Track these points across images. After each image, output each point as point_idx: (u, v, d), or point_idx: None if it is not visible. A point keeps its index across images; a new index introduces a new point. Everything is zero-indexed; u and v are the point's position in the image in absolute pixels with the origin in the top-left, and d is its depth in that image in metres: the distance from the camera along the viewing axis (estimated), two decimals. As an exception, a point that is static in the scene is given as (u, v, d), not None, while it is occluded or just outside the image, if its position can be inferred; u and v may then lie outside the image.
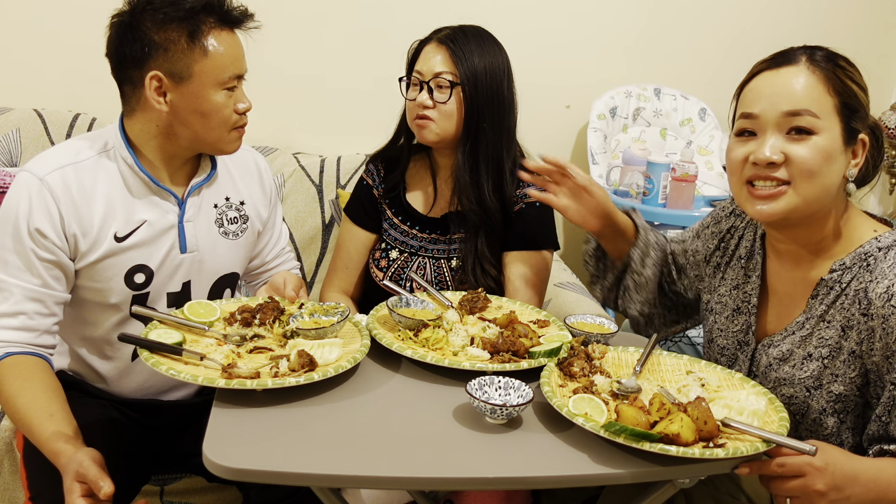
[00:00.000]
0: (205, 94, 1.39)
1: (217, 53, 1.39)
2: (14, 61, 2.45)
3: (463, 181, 1.73)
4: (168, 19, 1.36)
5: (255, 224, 1.65)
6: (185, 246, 1.51)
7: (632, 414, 1.13)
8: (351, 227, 1.88)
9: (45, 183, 1.38)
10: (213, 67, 1.39)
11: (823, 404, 1.29)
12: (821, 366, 1.28)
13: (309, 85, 2.63)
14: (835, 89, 1.25)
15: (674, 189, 2.38)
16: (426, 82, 1.70)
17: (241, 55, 1.45)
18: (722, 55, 2.96)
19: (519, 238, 1.77)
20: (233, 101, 1.43)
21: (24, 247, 1.37)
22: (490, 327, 1.44)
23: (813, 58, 1.27)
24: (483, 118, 1.71)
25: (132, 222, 1.45)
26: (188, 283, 1.54)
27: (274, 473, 1.06)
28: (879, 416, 1.23)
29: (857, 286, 1.25)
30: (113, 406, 1.54)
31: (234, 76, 1.42)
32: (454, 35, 1.71)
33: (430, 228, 1.82)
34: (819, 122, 1.24)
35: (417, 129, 1.73)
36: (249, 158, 1.67)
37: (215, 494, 1.80)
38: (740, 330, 1.44)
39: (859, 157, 1.28)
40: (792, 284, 1.36)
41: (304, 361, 1.25)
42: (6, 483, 1.77)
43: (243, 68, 1.45)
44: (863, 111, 1.27)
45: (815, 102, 1.25)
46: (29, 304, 1.38)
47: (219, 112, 1.41)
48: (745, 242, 1.48)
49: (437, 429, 1.18)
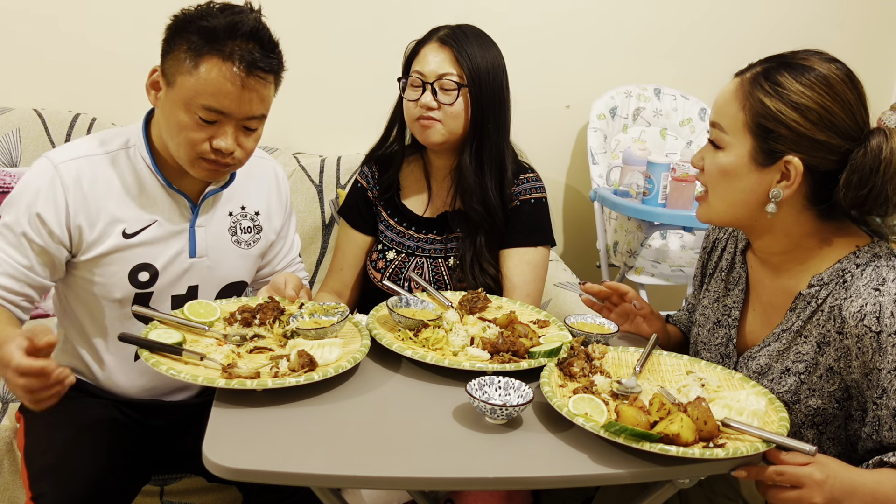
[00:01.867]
0: (176, 108, 1.37)
1: (201, 78, 1.34)
2: (14, 61, 2.45)
3: (468, 182, 1.73)
4: (197, 29, 1.34)
5: (269, 235, 1.66)
6: (195, 251, 1.52)
7: (632, 414, 1.13)
8: (347, 230, 1.88)
9: (58, 170, 1.41)
10: (190, 87, 1.35)
11: (802, 418, 1.28)
12: (798, 381, 1.27)
13: (309, 85, 2.63)
14: (750, 107, 1.23)
15: (674, 189, 2.38)
16: (429, 83, 1.69)
17: (237, 96, 1.35)
18: (722, 55, 2.96)
19: (516, 235, 1.77)
20: (207, 133, 1.38)
21: (20, 226, 1.40)
22: (490, 327, 1.44)
23: (757, 72, 1.25)
24: (487, 119, 1.71)
25: (143, 220, 1.47)
26: (195, 288, 1.54)
27: (274, 473, 1.05)
28: (870, 434, 1.22)
29: (832, 302, 1.23)
30: (113, 406, 1.54)
31: (208, 108, 1.35)
32: (455, 35, 1.71)
33: (426, 229, 1.82)
34: (725, 137, 1.26)
35: (421, 130, 1.72)
36: (269, 168, 1.67)
37: (215, 494, 1.80)
38: (721, 343, 1.44)
39: (791, 178, 1.21)
40: (774, 293, 1.35)
41: (304, 361, 1.25)
42: (6, 483, 1.77)
43: (231, 108, 1.36)
44: (790, 134, 1.20)
45: (725, 117, 1.26)
46: (6, 279, 1.41)
47: (182, 132, 1.38)
48: (726, 255, 1.48)
49: (437, 429, 1.18)
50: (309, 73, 2.63)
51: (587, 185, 2.92)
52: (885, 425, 1.19)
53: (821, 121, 1.20)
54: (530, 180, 1.80)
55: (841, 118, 1.20)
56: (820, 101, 1.20)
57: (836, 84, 1.21)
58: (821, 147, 1.21)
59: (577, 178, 3.00)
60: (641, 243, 2.54)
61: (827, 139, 1.20)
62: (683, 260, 2.73)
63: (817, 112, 1.20)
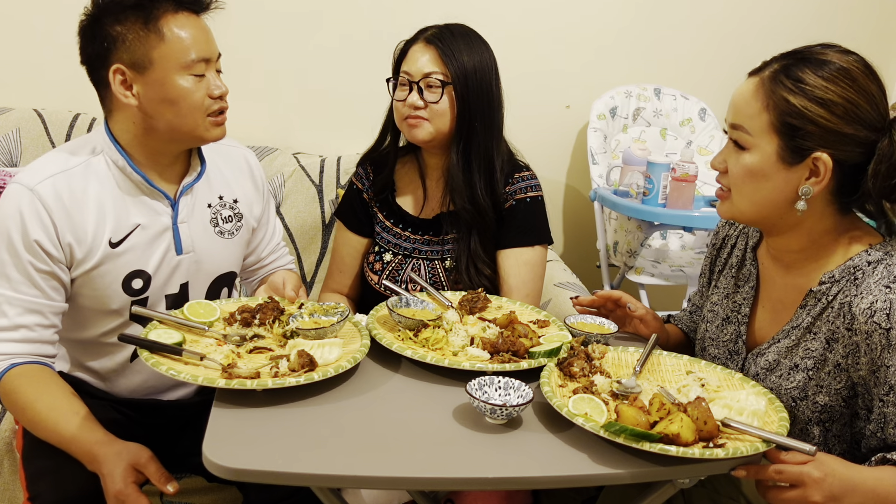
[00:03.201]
0: (169, 81, 1.36)
1: (175, 37, 1.35)
2: (14, 61, 2.45)
3: (456, 181, 1.73)
4: (122, 9, 1.34)
5: (250, 221, 1.65)
6: (181, 247, 1.51)
7: (632, 414, 1.13)
8: (344, 232, 1.88)
9: (35, 193, 1.36)
10: (173, 52, 1.35)
11: (809, 414, 1.28)
12: (806, 377, 1.28)
13: (309, 85, 2.63)
14: (774, 107, 1.21)
15: (674, 189, 2.38)
16: (416, 83, 1.69)
17: (205, 38, 1.39)
18: (722, 55, 2.96)
19: (512, 235, 1.77)
20: (204, 86, 1.39)
21: (21, 260, 1.36)
22: (490, 327, 1.44)
23: (775, 69, 1.23)
24: (475, 117, 1.71)
25: (125, 226, 1.44)
26: (186, 285, 1.54)
27: (274, 473, 1.05)
28: (874, 432, 1.22)
29: (842, 299, 1.23)
30: (113, 407, 1.54)
31: (199, 59, 1.37)
32: (441, 34, 1.71)
33: (422, 230, 1.82)
34: (750, 138, 1.24)
35: (408, 129, 1.73)
36: (239, 155, 1.66)
37: (215, 494, 1.80)
38: (730, 339, 1.44)
39: (821, 175, 1.21)
40: (784, 290, 1.35)
41: (304, 361, 1.25)
42: (6, 483, 1.77)
43: (209, 51, 1.40)
44: (817, 130, 1.19)
45: (747, 119, 1.24)
46: (29, 316, 1.37)
47: (187, 98, 1.38)
48: (736, 251, 1.48)
49: (437, 429, 1.18)
50: (309, 73, 2.63)
51: (587, 185, 2.92)
52: (891, 423, 1.19)
53: (847, 114, 1.20)
54: (525, 179, 1.79)
55: (866, 110, 1.20)
56: (844, 94, 1.20)
57: (857, 76, 1.21)
58: (848, 140, 1.20)
59: (577, 178, 3.00)
60: (641, 243, 2.54)
61: (854, 132, 1.20)
62: (683, 260, 2.73)
63: (843, 106, 1.19)
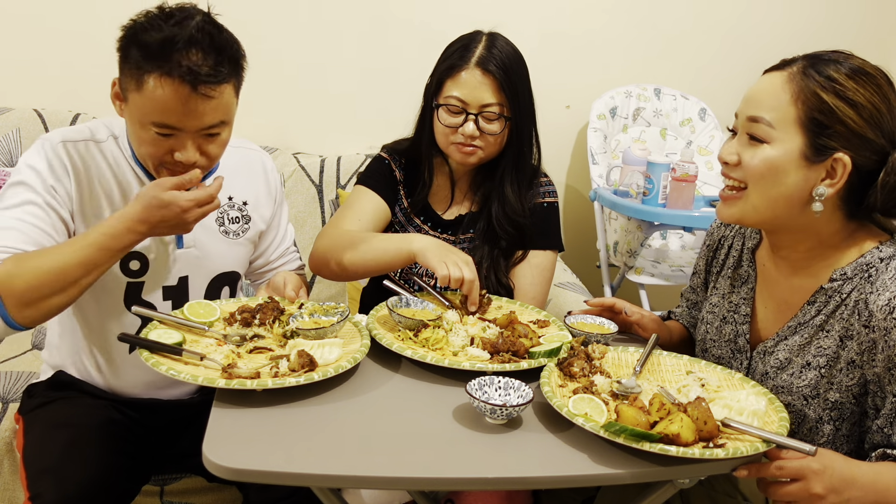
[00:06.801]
0: (133, 123, 1.36)
1: (148, 93, 1.29)
2: (14, 61, 2.45)
3: (511, 204, 1.72)
4: (145, 44, 1.29)
5: (258, 224, 1.65)
6: (182, 242, 1.52)
7: (632, 414, 1.13)
8: (368, 192, 1.78)
9: (66, 148, 1.42)
10: (139, 105, 1.32)
11: (820, 412, 1.28)
12: (818, 375, 1.28)
13: (309, 85, 2.64)
14: (804, 101, 1.20)
15: (674, 189, 2.38)
16: (473, 113, 1.64)
17: (183, 110, 1.30)
18: (722, 55, 2.97)
19: (526, 239, 1.77)
20: (168, 145, 1.35)
21: (41, 198, 1.38)
22: (490, 327, 1.44)
23: (804, 65, 1.22)
24: (524, 142, 1.72)
25: None
26: (185, 279, 1.54)
27: (274, 473, 1.05)
28: (881, 427, 1.22)
29: (857, 297, 1.23)
30: (113, 407, 1.54)
31: (160, 124, 1.32)
32: (499, 63, 1.64)
33: (441, 228, 1.81)
34: (773, 132, 1.22)
35: (459, 155, 1.69)
36: (256, 159, 1.67)
37: (215, 494, 1.80)
38: (731, 338, 1.44)
39: (837, 176, 1.21)
40: (789, 291, 1.35)
41: (304, 361, 1.25)
42: (6, 483, 1.78)
43: (181, 123, 1.32)
44: (844, 130, 1.19)
45: (773, 111, 1.22)
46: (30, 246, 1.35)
47: (142, 146, 1.37)
48: (733, 252, 1.48)
49: (437, 429, 1.18)
50: (309, 73, 2.63)
51: (587, 185, 2.92)
52: None
53: (871, 118, 1.19)
54: (543, 184, 1.80)
55: (888, 118, 1.20)
56: (872, 98, 1.20)
57: (882, 84, 1.21)
58: (868, 146, 1.20)
59: (577, 178, 3.00)
60: (641, 243, 2.54)
61: (875, 138, 1.20)
62: (683, 260, 2.73)
63: (869, 110, 1.19)
